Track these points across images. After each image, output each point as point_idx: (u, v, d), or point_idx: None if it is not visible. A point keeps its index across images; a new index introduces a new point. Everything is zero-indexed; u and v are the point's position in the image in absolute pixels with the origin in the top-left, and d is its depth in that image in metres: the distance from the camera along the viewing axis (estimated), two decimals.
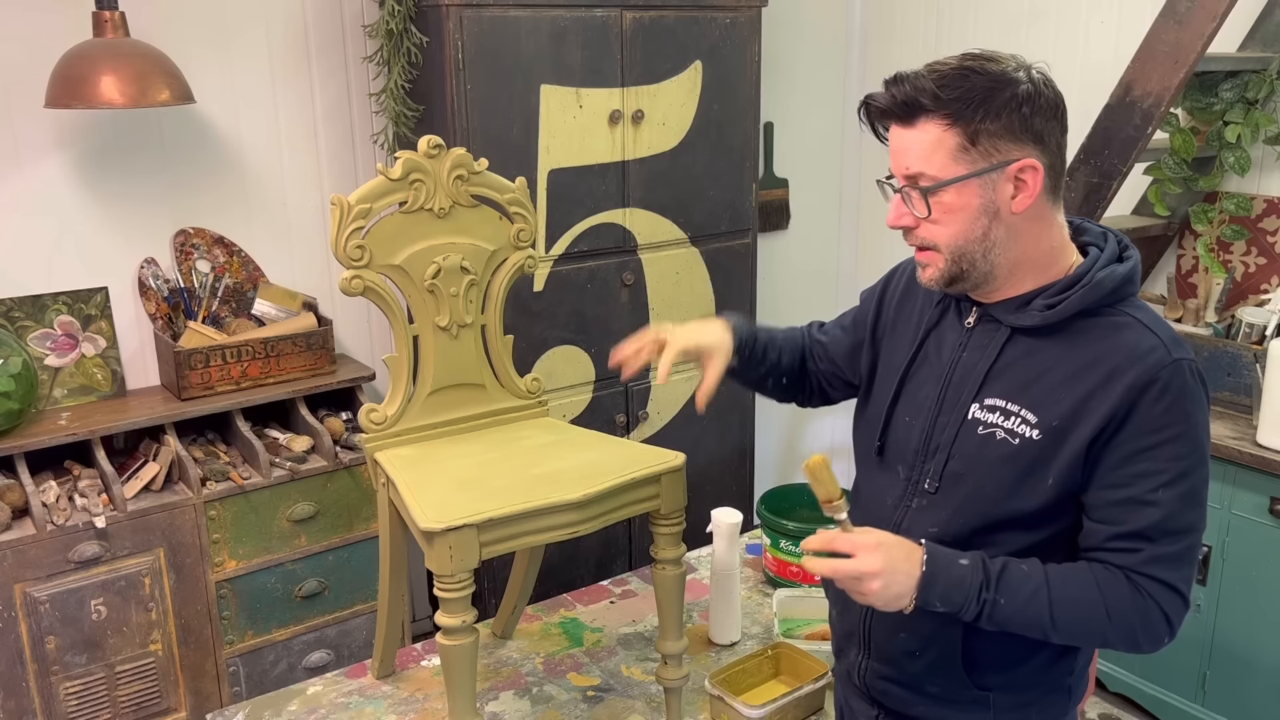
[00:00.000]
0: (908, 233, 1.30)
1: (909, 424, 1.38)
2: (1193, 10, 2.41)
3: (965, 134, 1.21)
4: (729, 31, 3.01)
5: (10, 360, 2.38)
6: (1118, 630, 1.23)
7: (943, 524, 1.32)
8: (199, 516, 2.51)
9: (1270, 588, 2.47)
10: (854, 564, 1.21)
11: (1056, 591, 1.23)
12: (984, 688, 1.35)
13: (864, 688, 1.47)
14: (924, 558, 1.23)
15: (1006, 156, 1.22)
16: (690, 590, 2.28)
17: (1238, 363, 2.62)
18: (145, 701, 2.52)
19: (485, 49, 2.61)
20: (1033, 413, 1.26)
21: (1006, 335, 1.31)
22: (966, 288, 1.31)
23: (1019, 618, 1.24)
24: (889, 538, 1.24)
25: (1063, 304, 1.26)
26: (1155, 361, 1.21)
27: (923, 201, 1.25)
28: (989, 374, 1.31)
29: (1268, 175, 2.85)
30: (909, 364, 1.40)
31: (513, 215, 2.00)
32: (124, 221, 2.71)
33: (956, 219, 1.25)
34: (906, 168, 1.25)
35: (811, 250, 3.98)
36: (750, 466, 3.44)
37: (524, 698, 2.02)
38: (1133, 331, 1.24)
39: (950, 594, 1.23)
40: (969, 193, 1.23)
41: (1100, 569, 1.24)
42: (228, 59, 2.78)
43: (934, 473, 1.33)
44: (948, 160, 1.22)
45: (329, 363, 2.78)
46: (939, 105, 1.21)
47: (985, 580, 1.23)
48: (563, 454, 1.86)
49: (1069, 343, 1.27)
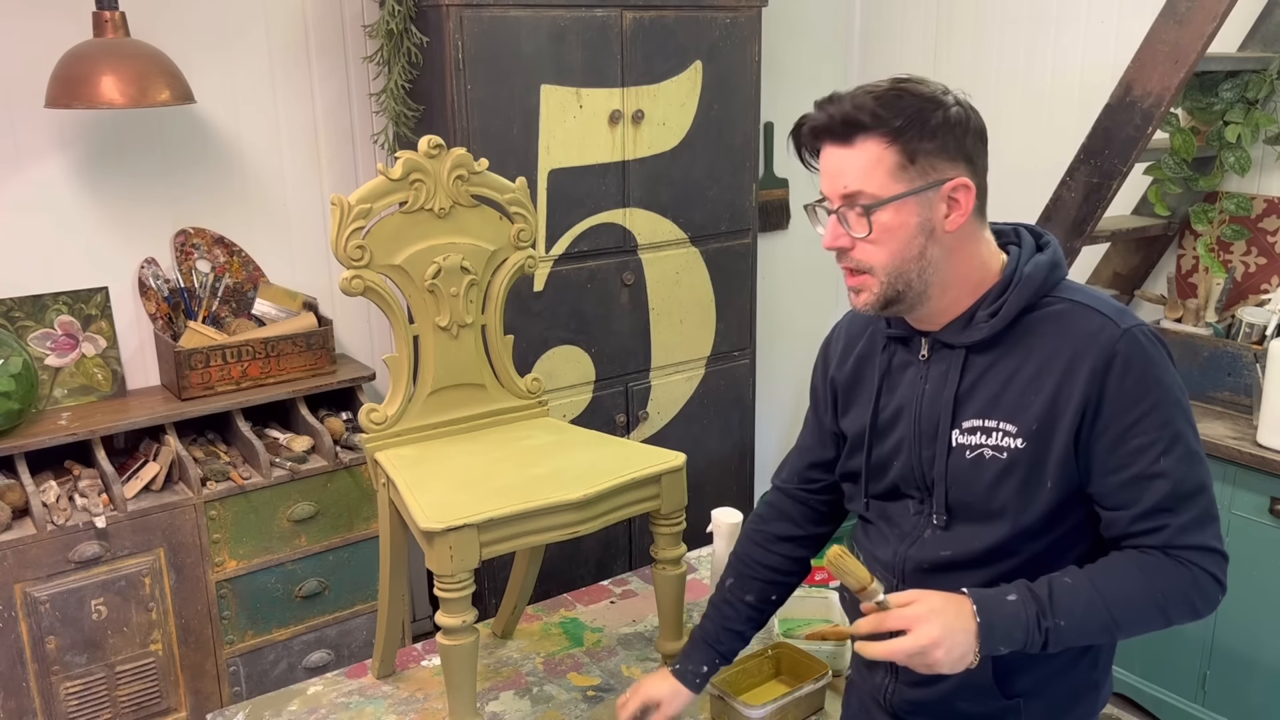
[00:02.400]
0: (842, 255, 1.29)
1: (899, 468, 1.38)
2: (1193, 10, 2.41)
3: (904, 152, 1.22)
4: (729, 31, 3.01)
5: (10, 360, 2.38)
6: (1176, 609, 1.25)
7: (955, 547, 1.32)
8: (199, 516, 2.51)
9: (1270, 588, 2.47)
10: (913, 640, 1.19)
11: (1109, 594, 1.23)
12: (1013, 695, 1.35)
13: (890, 708, 1.46)
14: (974, 609, 1.21)
15: (941, 176, 1.24)
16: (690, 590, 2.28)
17: (1238, 363, 2.62)
18: (145, 701, 2.52)
19: (485, 49, 2.61)
20: (1010, 423, 1.27)
21: (963, 357, 1.31)
22: (902, 310, 1.31)
23: (1083, 633, 1.24)
24: (934, 599, 1.22)
25: (1004, 308, 1.27)
26: (1108, 338, 1.23)
27: (863, 220, 1.25)
28: (957, 398, 1.31)
29: (1268, 175, 2.85)
30: (872, 417, 1.40)
31: (513, 215, 2.00)
32: (124, 221, 2.71)
33: (895, 237, 1.25)
34: (845, 187, 1.25)
35: (811, 250, 3.98)
36: (750, 466, 3.44)
37: (524, 698, 2.02)
38: (1076, 315, 1.26)
39: (1011, 634, 1.22)
40: (907, 211, 1.24)
41: (1136, 555, 1.24)
42: (228, 59, 2.78)
43: (939, 506, 1.33)
44: (887, 178, 1.23)
45: (329, 363, 2.78)
46: (878, 123, 1.22)
47: (1040, 610, 1.22)
48: (563, 454, 1.86)
49: (1022, 344, 1.28)
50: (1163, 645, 2.71)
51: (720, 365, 3.28)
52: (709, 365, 3.25)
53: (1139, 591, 1.23)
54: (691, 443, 3.18)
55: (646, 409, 3.14)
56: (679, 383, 3.19)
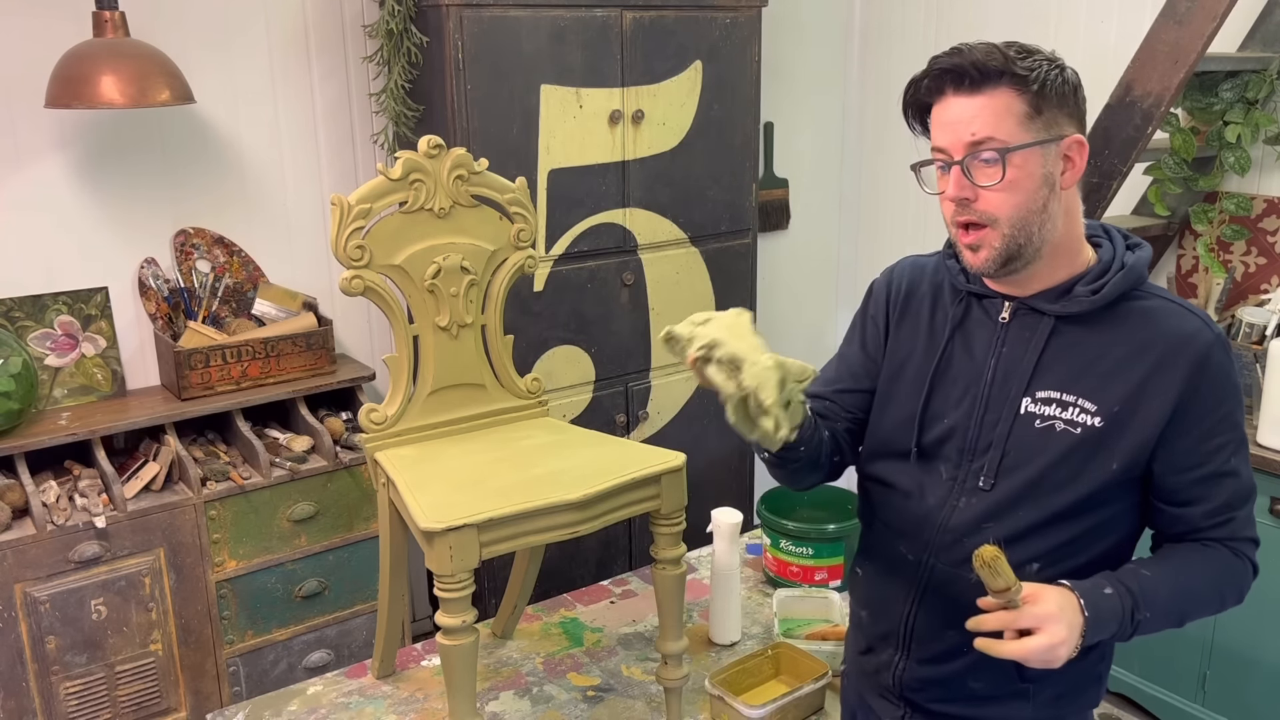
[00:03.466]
0: (963, 208, 1.28)
1: (949, 425, 1.38)
2: (1193, 10, 2.41)
3: (1032, 103, 1.24)
4: (729, 31, 3.01)
5: (10, 360, 2.38)
6: (1232, 597, 1.33)
7: (996, 518, 1.32)
8: (199, 516, 2.51)
9: (1270, 588, 2.46)
10: (1046, 639, 1.20)
11: (1185, 588, 1.29)
12: (1027, 679, 1.36)
13: (897, 687, 1.46)
14: (1081, 603, 1.23)
15: (1062, 131, 1.26)
16: (690, 590, 2.28)
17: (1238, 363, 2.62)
18: (145, 701, 2.52)
19: (485, 49, 2.61)
20: (1090, 400, 1.29)
21: (1050, 326, 1.32)
22: (1018, 267, 1.30)
23: (1161, 624, 1.28)
24: (1055, 596, 1.22)
25: (1106, 288, 1.30)
26: (1205, 341, 1.27)
27: (999, 165, 1.24)
28: (1038, 366, 1.32)
29: (1268, 175, 2.85)
30: (937, 365, 1.40)
31: (513, 215, 1.99)
32: (124, 221, 2.71)
33: (1021, 188, 1.25)
34: (973, 135, 1.24)
35: (811, 250, 3.99)
36: (750, 466, 3.44)
37: (524, 698, 2.02)
38: (1174, 314, 1.30)
39: (1108, 626, 1.24)
40: (1035, 161, 1.25)
41: (1203, 549, 1.31)
42: (228, 59, 2.78)
43: (988, 469, 1.33)
44: (1016, 127, 1.24)
45: (329, 363, 2.78)
46: (1011, 71, 1.23)
47: (1135, 603, 1.25)
48: (563, 454, 1.86)
49: (1113, 328, 1.30)
50: (1163, 645, 2.71)
51: None
52: None
53: (1207, 584, 1.30)
54: (691, 443, 3.18)
55: (646, 409, 3.14)
56: (679, 383, 3.19)
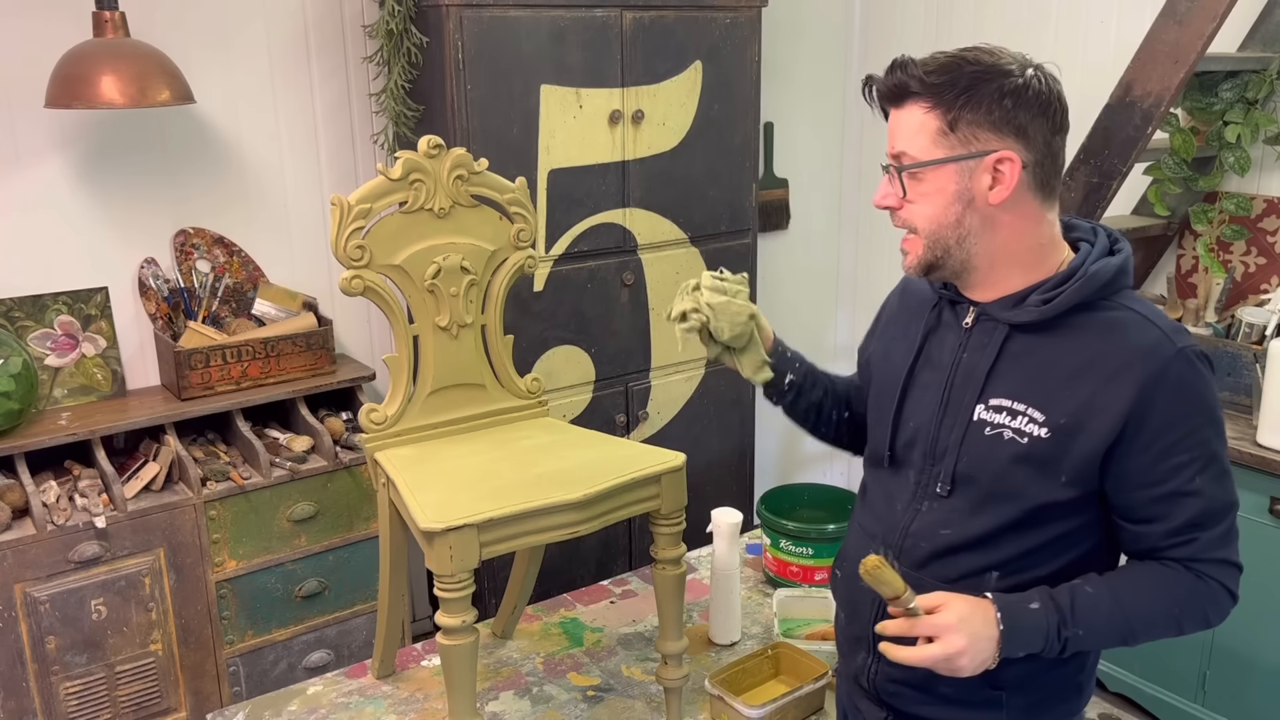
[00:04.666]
0: (893, 215, 1.33)
1: (915, 428, 1.38)
2: (1193, 10, 2.41)
3: (944, 119, 1.24)
4: (729, 31, 3.01)
5: (10, 360, 2.38)
6: (1191, 620, 1.28)
7: (955, 526, 1.32)
8: (199, 516, 2.51)
9: (1270, 588, 2.46)
10: (941, 648, 1.22)
11: (1129, 606, 1.26)
12: (998, 686, 1.35)
13: (873, 690, 1.46)
14: (997, 616, 1.23)
15: (985, 146, 1.24)
16: (690, 590, 2.28)
17: (1238, 363, 2.62)
18: (145, 701, 2.52)
19: (485, 49, 2.61)
20: (1040, 411, 1.26)
21: (1005, 333, 1.31)
22: (945, 276, 1.34)
23: (1100, 641, 1.28)
24: (961, 606, 1.23)
25: (1059, 298, 1.27)
26: (1162, 355, 1.22)
27: (899, 181, 1.29)
28: (991, 374, 1.31)
29: (1268, 175, 2.85)
30: (911, 367, 1.41)
31: (513, 215, 2.00)
32: (124, 221, 2.71)
33: (932, 202, 1.27)
34: (894, 147, 1.29)
35: (811, 250, 3.99)
36: (750, 466, 3.44)
37: (524, 698, 2.02)
38: (1133, 325, 1.25)
39: (1031, 641, 1.24)
40: (945, 177, 1.26)
41: (1159, 567, 1.27)
42: (228, 59, 2.78)
43: (944, 475, 1.33)
44: (928, 143, 1.25)
45: (329, 363, 2.78)
46: (922, 89, 1.24)
47: (1061, 619, 1.24)
48: (563, 454, 1.86)
49: (1069, 338, 1.27)
50: (1163, 645, 2.71)
51: (720, 365, 3.26)
52: (709, 365, 3.25)
53: (1158, 604, 1.26)
54: (691, 443, 3.18)
55: (646, 409, 3.14)
56: (679, 383, 3.19)
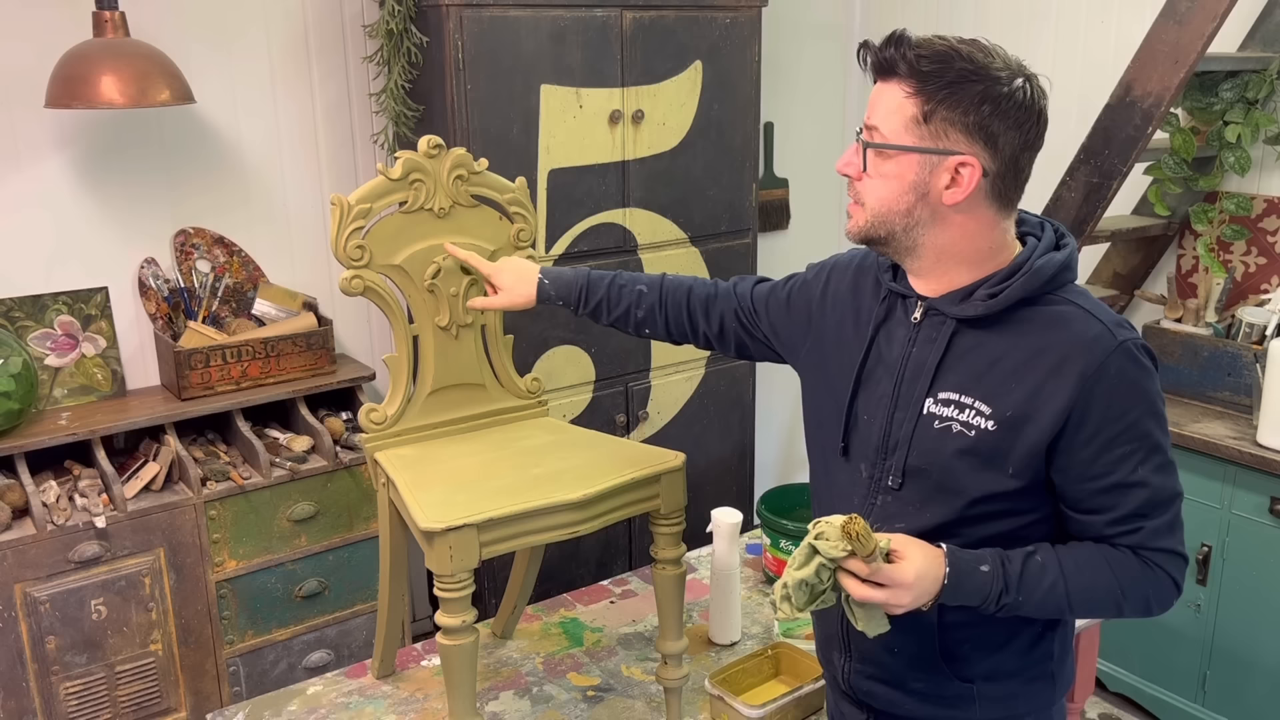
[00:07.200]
0: (849, 183, 1.33)
1: (868, 421, 1.38)
2: (1193, 10, 2.42)
3: (921, 108, 1.23)
4: (729, 31, 3.01)
5: (10, 360, 2.38)
6: (1133, 604, 1.30)
7: (909, 519, 1.33)
8: (199, 516, 2.51)
9: (1270, 588, 2.47)
10: (886, 596, 1.23)
11: (1073, 582, 1.27)
12: (966, 679, 1.37)
13: (850, 690, 1.47)
14: (945, 571, 1.25)
15: (951, 146, 1.24)
16: (690, 590, 2.28)
17: (1238, 363, 2.62)
18: (145, 701, 2.52)
19: (485, 49, 2.61)
20: (986, 404, 1.27)
21: (953, 328, 1.31)
22: (888, 253, 1.34)
23: (1038, 611, 1.29)
24: (919, 561, 1.24)
25: (1004, 293, 1.27)
26: (1103, 348, 1.23)
27: (863, 156, 1.29)
28: (939, 368, 1.31)
29: (1268, 175, 2.85)
30: (863, 361, 1.40)
31: (513, 215, 2.00)
32: (124, 221, 2.71)
33: (889, 185, 1.27)
34: (869, 118, 1.29)
35: (811, 250, 3.98)
36: (750, 466, 3.44)
37: (524, 698, 2.02)
38: (1076, 319, 1.26)
39: (970, 598, 1.26)
40: (906, 165, 1.26)
41: (1109, 550, 1.28)
42: (228, 59, 2.78)
43: (895, 469, 1.34)
44: (899, 127, 1.25)
45: (329, 363, 2.78)
46: (909, 72, 1.24)
47: (1005, 586, 1.25)
48: (563, 454, 1.86)
49: (1015, 332, 1.28)
50: (1163, 645, 2.71)
51: (720, 365, 3.28)
52: (709, 365, 3.25)
53: (1103, 585, 1.28)
54: (691, 443, 3.18)
55: (646, 409, 3.14)
56: (679, 383, 3.19)
